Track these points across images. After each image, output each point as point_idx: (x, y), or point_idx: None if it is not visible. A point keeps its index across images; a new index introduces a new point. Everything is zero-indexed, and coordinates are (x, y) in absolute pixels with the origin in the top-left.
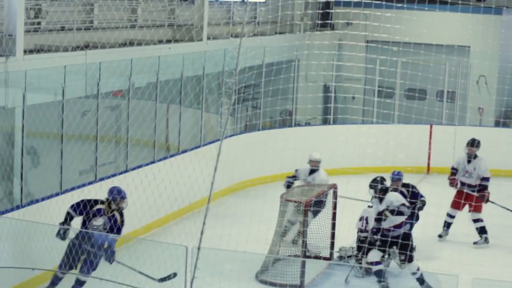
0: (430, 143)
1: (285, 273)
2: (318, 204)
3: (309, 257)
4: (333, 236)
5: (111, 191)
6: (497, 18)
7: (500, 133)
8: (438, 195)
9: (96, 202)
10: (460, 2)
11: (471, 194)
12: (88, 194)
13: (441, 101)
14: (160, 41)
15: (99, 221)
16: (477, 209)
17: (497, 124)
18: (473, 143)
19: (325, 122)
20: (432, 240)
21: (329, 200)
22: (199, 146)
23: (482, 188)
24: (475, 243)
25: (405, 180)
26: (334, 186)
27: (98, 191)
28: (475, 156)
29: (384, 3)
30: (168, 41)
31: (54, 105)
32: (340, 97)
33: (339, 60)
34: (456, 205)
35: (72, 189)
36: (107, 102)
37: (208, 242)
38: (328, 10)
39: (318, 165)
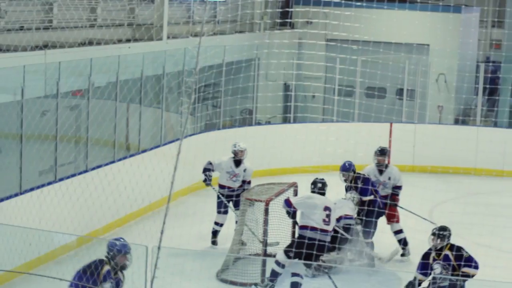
0: (390, 141)
1: (246, 272)
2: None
3: (269, 255)
4: (293, 234)
5: (111, 247)
6: (456, 16)
7: (459, 131)
8: None
9: (101, 262)
10: (419, 0)
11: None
12: (47, 195)
13: (401, 99)
14: (120, 41)
15: (106, 286)
16: (394, 219)
17: (456, 122)
18: (384, 152)
19: (285, 120)
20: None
21: None
22: (159, 146)
23: (394, 195)
24: (402, 255)
25: None
26: (294, 185)
27: (58, 191)
28: (387, 166)
29: (343, 1)
30: (128, 41)
31: (13, 105)
32: (300, 96)
33: (299, 59)
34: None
35: (32, 189)
36: (67, 102)
37: (169, 241)
38: (287, 9)
39: (244, 155)
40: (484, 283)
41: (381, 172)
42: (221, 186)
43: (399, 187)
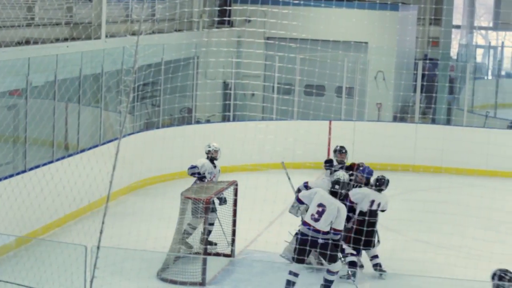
0: (329, 138)
1: (186, 271)
2: None
3: (209, 254)
4: (234, 233)
5: None
6: (393, 14)
7: (398, 128)
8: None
9: None
10: None
11: None
12: None
13: (340, 97)
14: (58, 40)
15: None
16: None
17: (394, 119)
18: (343, 150)
19: (225, 119)
20: None
21: (230, 197)
22: (97, 145)
23: None
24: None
25: (304, 176)
26: (234, 183)
27: None
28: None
29: None
30: (66, 39)
31: None
32: (240, 94)
33: (238, 57)
34: None
35: None
36: (4, 102)
37: (108, 241)
38: (226, 7)
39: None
40: (424, 279)
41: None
42: None
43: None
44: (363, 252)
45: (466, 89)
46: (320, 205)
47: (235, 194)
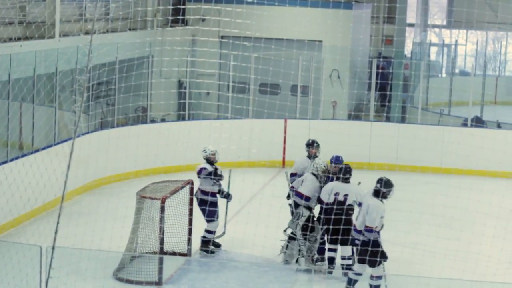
0: (284, 137)
1: (142, 270)
2: None
3: (165, 253)
4: (190, 232)
5: None
6: (347, 12)
7: (353, 126)
8: None
9: None
10: None
11: None
12: None
13: (295, 96)
14: (11, 39)
15: None
16: None
17: (349, 117)
18: (314, 143)
19: (180, 118)
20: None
21: (185, 196)
22: (52, 145)
23: None
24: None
25: (259, 174)
26: (190, 182)
27: None
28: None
29: None
30: (19, 39)
31: None
32: (195, 93)
33: (192, 56)
34: None
35: None
36: None
37: (63, 241)
38: (179, 6)
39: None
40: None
41: None
42: (205, 193)
43: None
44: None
45: (420, 87)
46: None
47: (191, 193)
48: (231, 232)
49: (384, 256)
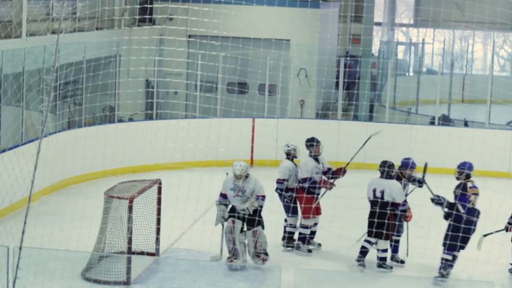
0: (252, 136)
1: (111, 270)
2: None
3: (134, 253)
4: (158, 231)
5: None
6: (314, 11)
7: (320, 125)
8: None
9: None
10: None
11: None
12: None
13: (262, 95)
14: None
15: None
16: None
17: (317, 116)
18: (314, 140)
19: (148, 117)
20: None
21: (153, 196)
22: (19, 145)
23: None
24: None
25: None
26: (158, 182)
27: None
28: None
29: None
30: None
31: None
32: (162, 92)
33: (160, 55)
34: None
35: None
36: None
37: (30, 241)
38: (147, 5)
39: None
40: (343, 274)
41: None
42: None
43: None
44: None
45: (387, 86)
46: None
47: (159, 193)
48: (199, 232)
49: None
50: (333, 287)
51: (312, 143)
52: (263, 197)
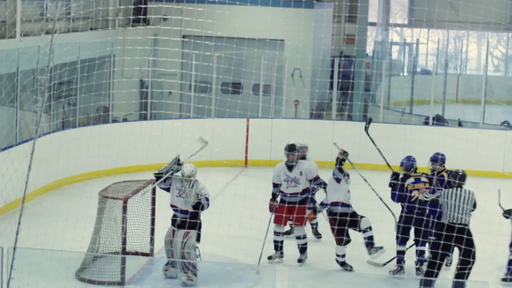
0: (247, 136)
1: (105, 271)
2: None
3: (128, 253)
4: (152, 231)
5: None
6: (308, 11)
7: (314, 125)
8: (255, 188)
9: None
10: None
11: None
12: None
13: (257, 95)
14: None
15: None
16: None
17: (311, 116)
18: (294, 147)
19: (142, 117)
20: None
21: (148, 196)
22: (13, 145)
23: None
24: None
25: (221, 174)
26: (152, 182)
27: None
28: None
29: None
30: None
31: None
32: (156, 93)
33: (154, 56)
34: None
35: None
36: None
37: (25, 242)
38: (141, 6)
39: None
40: (338, 274)
41: (290, 168)
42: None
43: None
44: None
45: (382, 86)
46: None
47: (153, 193)
48: None
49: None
50: (328, 287)
51: (285, 151)
52: (207, 198)
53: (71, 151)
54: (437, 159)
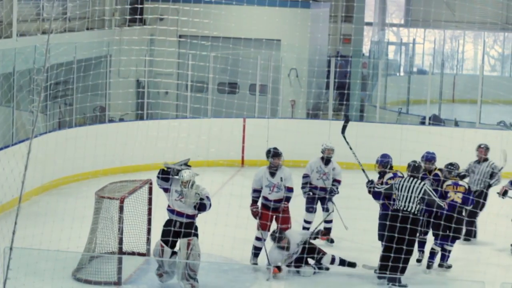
0: (243, 136)
1: (101, 271)
2: None
3: (124, 253)
4: (149, 231)
5: None
6: (304, 11)
7: (311, 125)
8: (251, 188)
9: None
10: None
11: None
12: None
13: (253, 95)
14: None
15: None
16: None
17: (308, 116)
18: (277, 153)
19: (138, 117)
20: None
21: (144, 196)
22: (9, 145)
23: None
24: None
25: (218, 174)
26: (148, 182)
27: None
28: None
29: None
30: None
31: None
32: (153, 93)
33: (151, 56)
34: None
35: None
36: None
37: (21, 242)
38: (137, 5)
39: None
40: (334, 275)
41: (273, 174)
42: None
43: (292, 189)
44: None
45: (378, 86)
46: None
47: (150, 193)
48: None
49: None
50: (324, 287)
51: (268, 156)
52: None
53: (68, 151)
54: (433, 158)
